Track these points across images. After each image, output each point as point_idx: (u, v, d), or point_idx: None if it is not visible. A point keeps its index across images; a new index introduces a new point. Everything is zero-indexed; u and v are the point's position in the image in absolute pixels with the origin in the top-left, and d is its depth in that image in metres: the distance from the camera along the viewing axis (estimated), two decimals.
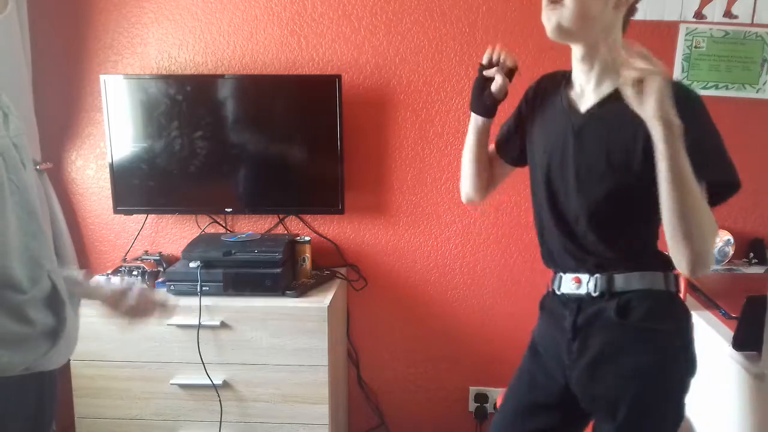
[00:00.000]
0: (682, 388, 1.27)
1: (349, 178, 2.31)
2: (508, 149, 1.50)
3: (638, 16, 2.16)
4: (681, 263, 1.14)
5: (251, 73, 2.32)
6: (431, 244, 2.41)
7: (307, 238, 2.26)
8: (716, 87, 2.22)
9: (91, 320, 2.05)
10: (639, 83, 1.06)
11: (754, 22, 2.18)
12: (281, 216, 2.40)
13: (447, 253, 2.41)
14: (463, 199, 1.56)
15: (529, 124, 1.42)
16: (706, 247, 1.12)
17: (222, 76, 2.29)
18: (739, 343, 1.61)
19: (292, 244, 2.23)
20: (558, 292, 1.37)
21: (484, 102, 1.40)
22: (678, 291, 1.30)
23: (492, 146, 1.52)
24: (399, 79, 2.30)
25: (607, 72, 1.26)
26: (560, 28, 1.21)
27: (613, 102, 1.22)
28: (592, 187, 1.26)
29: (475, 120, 1.44)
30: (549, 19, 1.22)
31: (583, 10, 1.19)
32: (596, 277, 1.28)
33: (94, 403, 2.12)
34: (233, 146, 2.28)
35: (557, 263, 1.37)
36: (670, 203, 1.09)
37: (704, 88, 2.22)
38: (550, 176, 1.33)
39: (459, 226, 2.38)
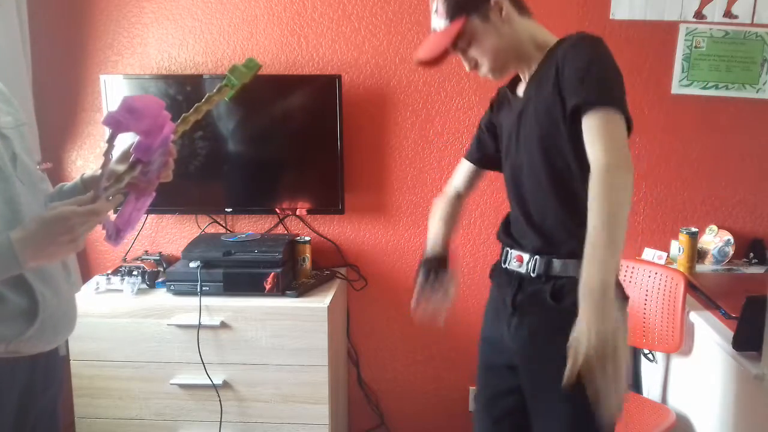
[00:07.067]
0: None
1: (349, 178, 2.31)
2: (478, 154, 1.59)
3: (638, 16, 2.19)
4: None
5: None
6: None
7: (307, 238, 2.26)
8: (716, 87, 2.22)
9: (91, 320, 2.06)
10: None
11: (754, 22, 2.17)
12: (281, 216, 2.40)
13: None
14: None
15: (498, 128, 1.51)
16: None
17: (222, 76, 2.28)
18: (739, 343, 1.61)
19: (292, 244, 2.23)
20: (503, 266, 1.44)
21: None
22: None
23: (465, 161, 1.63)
24: (399, 79, 2.30)
25: (531, 57, 1.35)
26: (496, 75, 1.37)
27: (535, 79, 1.32)
28: (535, 165, 1.33)
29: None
30: (485, 76, 1.38)
31: (493, 55, 1.34)
32: (536, 259, 1.34)
33: (94, 403, 2.12)
34: (233, 146, 2.29)
35: (507, 240, 1.44)
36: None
37: (704, 88, 2.22)
38: (509, 162, 1.41)
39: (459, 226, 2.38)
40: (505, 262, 1.43)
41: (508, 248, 1.43)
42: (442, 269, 1.49)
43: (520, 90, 1.41)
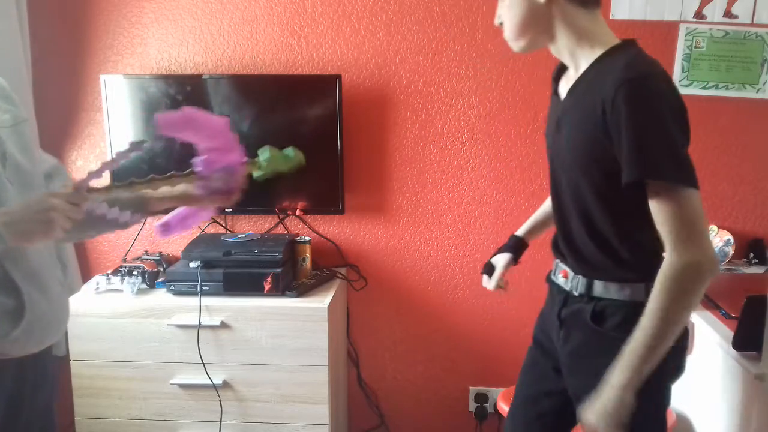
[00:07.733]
0: (658, 393, 1.28)
1: (349, 178, 2.31)
2: None
3: (638, 16, 2.19)
4: None
5: (251, 73, 2.31)
6: (431, 244, 2.41)
7: (307, 238, 2.26)
8: (716, 87, 2.22)
9: (90, 320, 2.06)
10: None
11: (754, 22, 2.17)
12: (281, 216, 2.40)
13: (447, 253, 2.41)
14: None
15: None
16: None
17: (222, 76, 2.29)
18: (739, 343, 1.61)
19: (292, 244, 2.23)
20: (552, 277, 1.45)
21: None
22: None
23: None
24: (399, 79, 2.30)
25: (578, 55, 1.27)
26: (513, 45, 1.32)
27: (576, 93, 1.25)
28: (572, 182, 1.29)
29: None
30: (507, 42, 1.33)
31: (512, 23, 1.27)
32: (579, 278, 1.33)
33: (94, 403, 2.12)
34: None
35: (555, 252, 1.43)
36: None
37: (704, 88, 2.22)
38: (551, 167, 1.39)
39: (459, 226, 2.38)
40: (553, 274, 1.43)
41: (558, 260, 1.42)
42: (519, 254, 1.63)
43: (563, 87, 1.34)
